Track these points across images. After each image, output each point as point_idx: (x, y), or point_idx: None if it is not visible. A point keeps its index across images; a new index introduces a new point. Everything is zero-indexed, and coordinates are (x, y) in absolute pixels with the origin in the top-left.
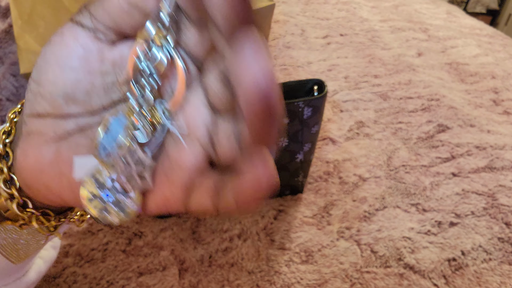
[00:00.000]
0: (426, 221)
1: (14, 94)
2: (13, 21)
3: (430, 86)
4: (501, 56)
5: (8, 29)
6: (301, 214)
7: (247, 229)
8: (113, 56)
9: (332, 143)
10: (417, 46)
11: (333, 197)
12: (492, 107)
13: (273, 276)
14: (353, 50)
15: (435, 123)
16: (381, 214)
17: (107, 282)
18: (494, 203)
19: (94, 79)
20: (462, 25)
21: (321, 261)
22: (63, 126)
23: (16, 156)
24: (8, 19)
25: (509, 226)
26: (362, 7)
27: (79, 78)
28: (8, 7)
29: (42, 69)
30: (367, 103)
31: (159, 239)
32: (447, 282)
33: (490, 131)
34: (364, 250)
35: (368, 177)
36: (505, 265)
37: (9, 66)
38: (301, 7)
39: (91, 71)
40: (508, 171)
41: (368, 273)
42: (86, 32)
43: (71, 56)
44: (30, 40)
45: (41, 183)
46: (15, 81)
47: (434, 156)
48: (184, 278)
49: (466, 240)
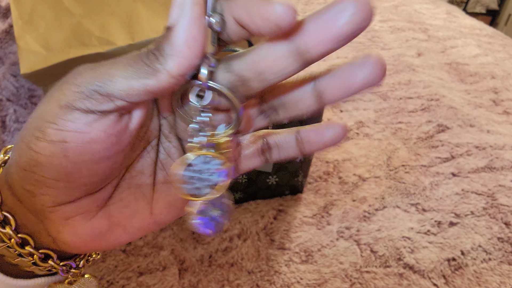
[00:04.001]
0: (425, 221)
1: (14, 94)
2: (14, 21)
3: (430, 86)
4: (501, 56)
5: (9, 29)
6: (301, 214)
7: (247, 229)
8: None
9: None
10: (417, 46)
11: (333, 197)
12: (492, 107)
13: (273, 276)
14: (353, 50)
15: (434, 123)
16: (381, 214)
17: (107, 282)
18: (494, 203)
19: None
20: (462, 25)
21: (321, 261)
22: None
23: (58, 236)
24: (8, 19)
25: (508, 226)
26: None
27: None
28: (8, 7)
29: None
30: (367, 103)
31: (159, 239)
32: (447, 282)
33: (489, 131)
34: (363, 250)
35: (368, 177)
36: (504, 265)
37: (9, 66)
38: (301, 7)
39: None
40: (507, 171)
41: (368, 273)
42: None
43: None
44: (31, 41)
45: (96, 247)
46: (16, 81)
47: (433, 156)
48: (184, 278)
49: (465, 240)
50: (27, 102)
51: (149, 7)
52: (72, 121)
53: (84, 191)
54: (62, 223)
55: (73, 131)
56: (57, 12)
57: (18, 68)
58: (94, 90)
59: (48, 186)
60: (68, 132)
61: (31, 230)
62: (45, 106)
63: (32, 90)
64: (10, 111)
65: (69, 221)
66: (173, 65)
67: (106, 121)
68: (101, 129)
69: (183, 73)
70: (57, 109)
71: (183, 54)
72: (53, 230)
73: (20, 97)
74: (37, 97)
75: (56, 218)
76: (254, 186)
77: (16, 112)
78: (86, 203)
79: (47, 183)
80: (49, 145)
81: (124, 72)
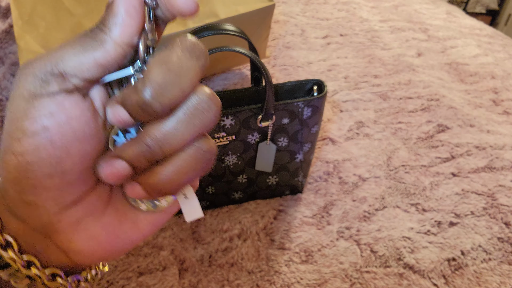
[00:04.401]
0: (425, 221)
1: None
2: (14, 21)
3: (430, 86)
4: (501, 56)
5: (9, 29)
6: (301, 214)
7: (247, 229)
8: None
9: (332, 143)
10: (417, 46)
11: (333, 197)
12: (492, 107)
13: (273, 276)
14: (353, 50)
15: (434, 123)
16: (381, 214)
17: (107, 282)
18: (494, 203)
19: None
20: (462, 25)
21: (321, 261)
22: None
23: (66, 249)
24: (8, 19)
25: (508, 226)
26: (362, 7)
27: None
28: (8, 7)
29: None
30: (367, 103)
31: (159, 239)
32: (447, 282)
33: (489, 131)
34: (364, 250)
35: (368, 177)
36: (504, 265)
37: (9, 66)
38: (301, 7)
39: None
40: (507, 171)
41: (368, 273)
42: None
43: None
44: (31, 40)
45: (99, 255)
46: None
47: (433, 156)
48: (184, 278)
49: (465, 240)
50: None
51: None
52: (43, 107)
53: (82, 182)
54: (73, 229)
55: (48, 115)
56: (57, 12)
57: (18, 68)
58: (48, 72)
59: (46, 188)
60: (44, 118)
61: (38, 249)
62: (12, 106)
63: None
64: None
65: (80, 225)
66: (118, 33)
67: (73, 98)
68: (72, 106)
69: (128, 41)
70: (24, 103)
71: (125, 22)
72: (64, 241)
73: None
74: None
75: (65, 226)
76: (254, 186)
77: None
78: (92, 201)
79: (44, 184)
80: (31, 139)
81: (72, 49)
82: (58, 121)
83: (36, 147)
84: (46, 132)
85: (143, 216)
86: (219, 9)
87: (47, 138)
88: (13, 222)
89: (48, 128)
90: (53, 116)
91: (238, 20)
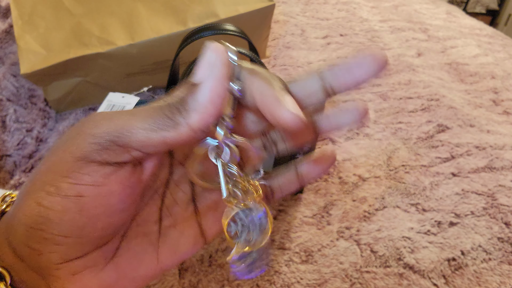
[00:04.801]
0: (425, 221)
1: (14, 94)
2: (14, 21)
3: (430, 86)
4: (501, 56)
5: (9, 29)
6: (301, 214)
7: None
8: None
9: (332, 143)
10: (417, 46)
11: (333, 197)
12: (492, 107)
13: (273, 276)
14: (353, 50)
15: (435, 123)
16: (381, 214)
17: None
18: (494, 203)
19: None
20: (462, 25)
21: (321, 261)
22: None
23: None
24: (8, 19)
25: (508, 226)
26: (362, 7)
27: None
28: (8, 7)
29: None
30: (367, 103)
31: None
32: (447, 282)
33: (489, 131)
34: (364, 250)
35: (368, 177)
36: (504, 265)
37: (9, 66)
38: (301, 7)
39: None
40: (507, 171)
41: (368, 273)
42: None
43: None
44: (31, 40)
45: None
46: (16, 81)
47: (434, 156)
48: (184, 278)
49: (465, 240)
50: (27, 102)
51: (149, 7)
52: (89, 174)
53: (94, 245)
54: (68, 279)
55: (90, 185)
56: (57, 12)
57: (18, 68)
58: (111, 141)
59: (57, 243)
60: (85, 186)
61: (30, 286)
62: (56, 158)
63: (32, 90)
64: (10, 111)
65: (76, 276)
66: (196, 119)
67: (122, 172)
68: (118, 181)
69: (203, 128)
70: (72, 161)
71: (206, 110)
72: (58, 286)
73: (20, 97)
74: (37, 97)
75: (62, 274)
76: None
77: (16, 112)
78: (95, 256)
79: (56, 240)
80: (63, 200)
81: (144, 123)
82: (97, 194)
83: (63, 209)
84: (80, 200)
85: (143, 271)
86: (219, 9)
87: (78, 206)
88: (10, 256)
89: (84, 197)
90: (95, 187)
91: (238, 20)
